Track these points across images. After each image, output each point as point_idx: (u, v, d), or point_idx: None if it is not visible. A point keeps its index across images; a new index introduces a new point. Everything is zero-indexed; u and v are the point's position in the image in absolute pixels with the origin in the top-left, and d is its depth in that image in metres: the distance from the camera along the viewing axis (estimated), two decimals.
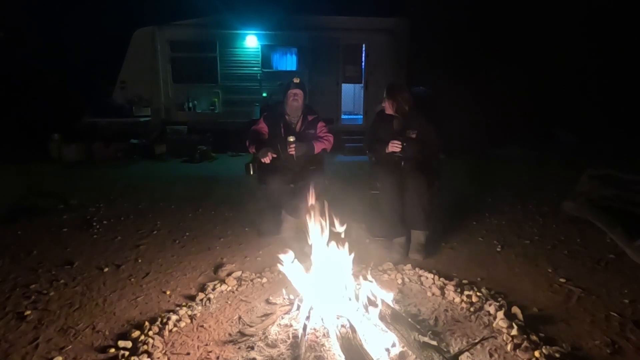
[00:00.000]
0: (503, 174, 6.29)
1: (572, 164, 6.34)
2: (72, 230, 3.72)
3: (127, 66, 8.89)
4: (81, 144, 7.90)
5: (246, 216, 3.98)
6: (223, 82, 9.29)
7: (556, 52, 10.15)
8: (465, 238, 3.50)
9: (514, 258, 3.09)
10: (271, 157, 3.26)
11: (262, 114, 3.80)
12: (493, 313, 2.19)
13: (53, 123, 8.12)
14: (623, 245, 3.12)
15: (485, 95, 8.58)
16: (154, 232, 3.67)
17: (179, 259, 3.08)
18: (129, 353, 1.88)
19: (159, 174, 6.75)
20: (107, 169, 7.03)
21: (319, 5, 9.42)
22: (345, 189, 4.89)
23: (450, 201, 4.38)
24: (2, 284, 2.65)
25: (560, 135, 9.66)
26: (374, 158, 3.49)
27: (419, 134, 3.22)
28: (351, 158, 7.93)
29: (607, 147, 8.19)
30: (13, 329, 2.15)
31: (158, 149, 8.14)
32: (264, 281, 2.64)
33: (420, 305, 2.35)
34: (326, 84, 9.25)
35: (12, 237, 3.52)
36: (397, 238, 3.08)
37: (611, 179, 3.85)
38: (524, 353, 1.86)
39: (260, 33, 9.07)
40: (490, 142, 8.42)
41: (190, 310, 2.26)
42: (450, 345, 1.95)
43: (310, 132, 3.54)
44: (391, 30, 9.30)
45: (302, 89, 3.47)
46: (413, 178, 3.06)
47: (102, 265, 2.93)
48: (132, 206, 4.48)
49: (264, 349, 1.89)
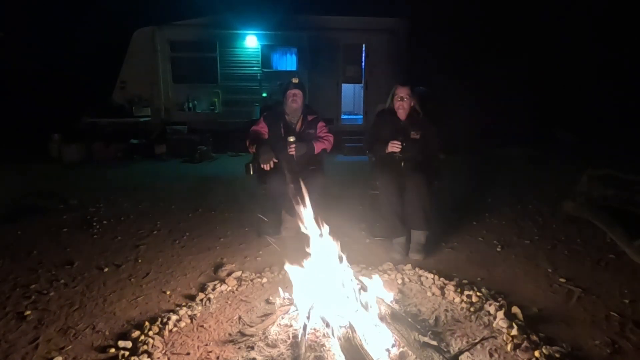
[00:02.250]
0: (503, 174, 6.29)
1: (572, 164, 6.33)
2: (72, 230, 3.72)
3: (127, 66, 8.89)
4: (81, 144, 7.90)
5: (246, 216, 3.98)
6: (223, 82, 9.30)
7: (556, 52, 10.15)
8: (465, 238, 3.50)
9: (514, 258, 3.09)
10: (272, 164, 3.26)
11: (262, 114, 3.79)
12: (493, 313, 2.19)
13: (53, 123, 8.12)
14: (623, 245, 3.12)
15: (486, 95, 8.58)
16: (154, 232, 3.67)
17: (179, 259, 3.07)
18: (129, 353, 1.88)
19: (159, 174, 6.75)
20: (107, 169, 7.03)
21: (319, 5, 9.43)
22: (345, 189, 4.90)
23: (450, 201, 4.39)
24: (2, 284, 2.65)
25: (560, 135, 9.66)
26: (374, 158, 3.49)
27: (422, 134, 3.23)
28: (351, 158, 7.94)
29: (608, 147, 8.20)
30: (13, 329, 2.15)
31: (158, 149, 8.14)
32: (264, 281, 2.64)
33: (420, 305, 2.35)
34: (326, 84, 9.25)
35: (12, 237, 3.52)
36: (397, 238, 3.08)
37: (611, 179, 3.85)
38: (524, 353, 1.86)
39: (260, 33, 9.07)
40: (490, 142, 8.42)
41: (190, 310, 2.25)
42: (450, 345, 1.95)
43: (310, 132, 3.53)
44: (391, 30, 9.30)
45: (301, 89, 3.47)
46: (413, 178, 3.06)
47: (102, 265, 2.93)
48: (132, 206, 4.47)
49: (264, 349, 1.89)
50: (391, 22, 9.30)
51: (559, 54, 10.12)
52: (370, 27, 9.35)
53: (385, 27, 9.32)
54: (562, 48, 10.05)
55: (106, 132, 8.26)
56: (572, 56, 9.98)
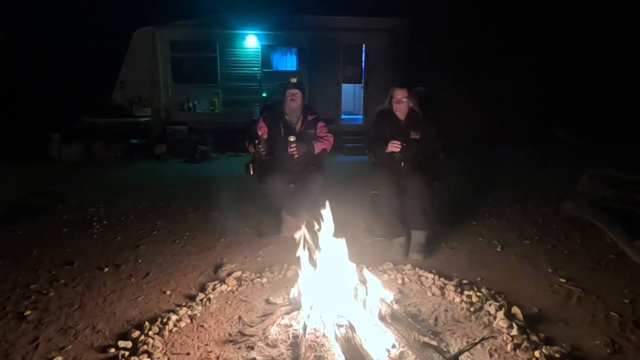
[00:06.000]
0: (503, 174, 6.29)
1: (572, 164, 6.33)
2: (72, 230, 3.72)
3: (127, 66, 8.89)
4: (81, 144, 7.91)
5: (246, 216, 3.98)
6: (223, 82, 9.30)
7: (557, 51, 10.15)
8: (465, 238, 3.50)
9: (514, 258, 3.09)
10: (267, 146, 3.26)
11: (261, 114, 3.80)
12: (493, 313, 2.19)
13: (53, 123, 8.13)
14: (623, 245, 3.12)
15: (486, 95, 8.58)
16: (154, 232, 3.67)
17: (179, 259, 3.07)
18: (129, 353, 1.88)
19: (159, 174, 6.75)
20: (107, 169, 7.03)
21: (319, 5, 9.42)
22: (345, 189, 4.90)
23: (450, 201, 4.39)
24: (2, 284, 2.65)
25: (560, 135, 9.66)
26: (374, 158, 3.49)
27: (422, 134, 3.23)
28: (351, 158, 7.94)
29: (608, 147, 8.19)
30: (13, 329, 2.15)
31: (158, 149, 8.15)
32: (264, 281, 2.64)
33: (420, 305, 2.35)
34: (326, 84, 9.26)
35: (12, 237, 3.53)
36: (397, 238, 3.08)
37: (611, 179, 3.85)
38: (524, 353, 1.86)
39: (260, 33, 9.07)
40: (490, 142, 8.42)
41: (190, 310, 2.25)
42: (450, 345, 1.95)
43: (310, 132, 3.53)
44: (391, 30, 9.30)
45: (300, 89, 3.47)
46: (413, 178, 3.06)
47: (102, 265, 2.93)
48: (132, 206, 4.47)
49: (264, 349, 1.89)
50: (391, 22, 9.30)
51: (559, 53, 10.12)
52: (370, 27, 9.35)
53: (385, 27, 9.32)
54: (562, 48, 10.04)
55: (106, 132, 8.26)
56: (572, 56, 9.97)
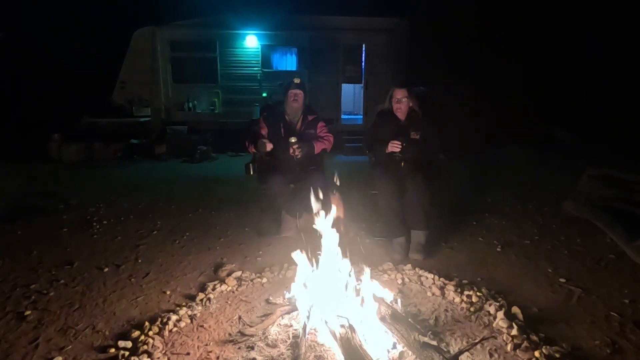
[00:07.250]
0: (503, 174, 6.29)
1: (572, 164, 6.33)
2: (72, 230, 3.72)
3: (127, 66, 8.89)
4: (81, 144, 7.91)
5: (246, 216, 3.98)
6: (223, 82, 9.30)
7: (557, 51, 10.15)
8: (465, 238, 3.50)
9: (514, 258, 3.09)
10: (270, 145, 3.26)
11: (261, 114, 3.80)
12: (493, 313, 2.19)
13: (53, 123, 8.13)
14: (623, 245, 3.12)
15: (485, 95, 8.58)
16: (154, 232, 3.67)
17: (179, 259, 3.07)
18: (129, 353, 1.88)
19: (159, 174, 6.75)
20: (107, 169, 7.03)
21: (319, 5, 9.40)
22: (345, 189, 4.89)
23: (450, 201, 4.39)
24: (2, 284, 2.65)
25: (560, 135, 9.66)
26: (374, 158, 3.49)
27: (422, 134, 3.23)
28: (351, 158, 7.93)
29: (608, 147, 8.19)
30: (13, 329, 2.15)
31: (158, 149, 8.14)
32: (264, 281, 2.64)
33: (420, 305, 2.35)
34: (326, 84, 9.26)
35: (12, 237, 3.52)
36: (397, 238, 3.08)
37: (611, 179, 3.85)
38: (524, 353, 1.86)
39: (260, 33, 9.07)
40: (490, 142, 8.41)
41: (190, 310, 2.26)
42: (450, 345, 1.95)
43: (310, 132, 3.53)
44: (391, 30, 9.30)
45: (303, 89, 3.47)
46: (413, 178, 3.06)
47: (102, 265, 2.93)
48: (132, 206, 4.47)
49: (264, 349, 1.89)
50: (391, 22, 9.29)
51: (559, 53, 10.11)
52: (370, 27, 9.34)
53: (385, 27, 9.32)
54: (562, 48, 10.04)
55: (106, 132, 8.26)
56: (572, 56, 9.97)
